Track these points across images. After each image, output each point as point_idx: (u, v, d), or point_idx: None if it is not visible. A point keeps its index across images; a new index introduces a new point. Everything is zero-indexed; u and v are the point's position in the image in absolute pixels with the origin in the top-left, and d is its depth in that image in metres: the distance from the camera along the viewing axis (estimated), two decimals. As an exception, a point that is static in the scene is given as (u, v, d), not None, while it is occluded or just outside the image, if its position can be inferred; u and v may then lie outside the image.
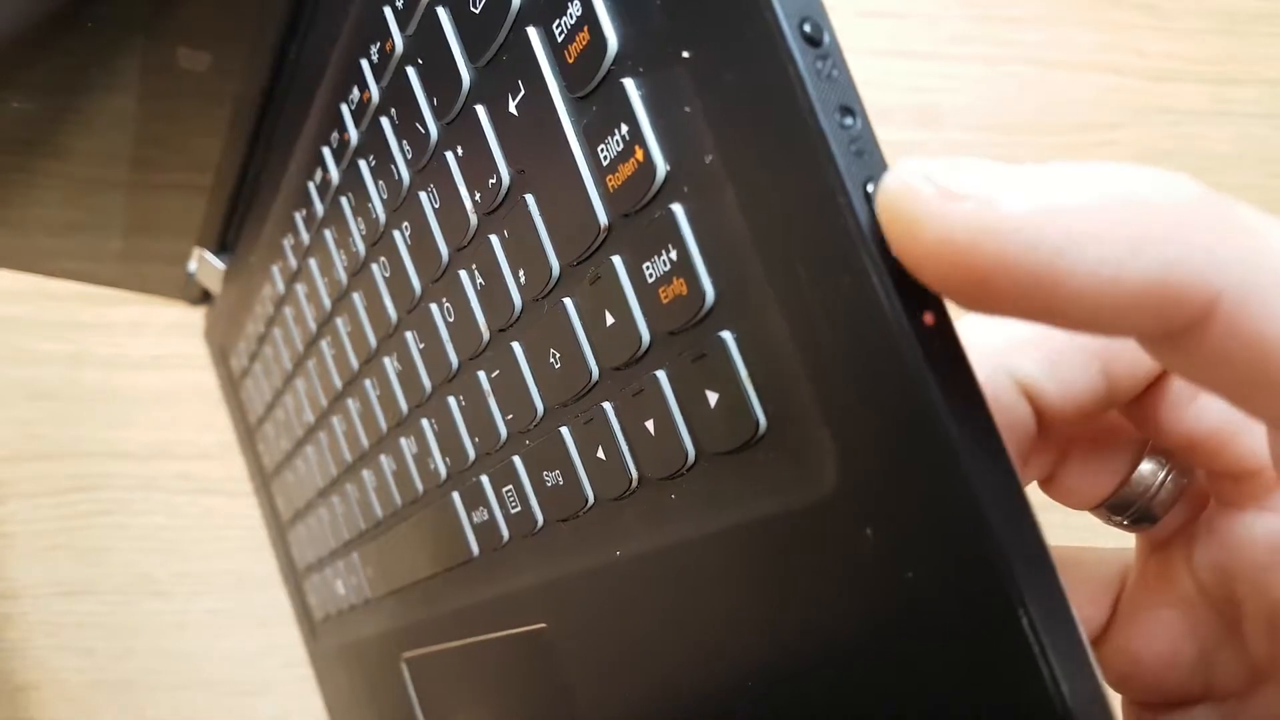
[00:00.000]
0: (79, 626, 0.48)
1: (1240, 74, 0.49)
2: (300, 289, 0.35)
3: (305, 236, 0.33)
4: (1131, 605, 0.22)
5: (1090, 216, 0.13)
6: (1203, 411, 0.20)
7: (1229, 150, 0.50)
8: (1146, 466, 0.21)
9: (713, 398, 0.18)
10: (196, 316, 0.50)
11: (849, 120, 0.14)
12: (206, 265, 0.44)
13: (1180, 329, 0.13)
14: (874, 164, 0.14)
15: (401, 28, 0.24)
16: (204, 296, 0.49)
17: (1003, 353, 0.19)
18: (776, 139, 0.14)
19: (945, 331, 0.14)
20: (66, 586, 0.48)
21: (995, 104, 0.48)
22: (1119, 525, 0.22)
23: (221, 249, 0.44)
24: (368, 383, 0.32)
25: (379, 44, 0.25)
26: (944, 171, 0.13)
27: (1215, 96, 0.49)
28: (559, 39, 0.18)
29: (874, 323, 0.14)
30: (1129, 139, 0.49)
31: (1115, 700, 0.22)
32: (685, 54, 0.16)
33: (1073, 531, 0.21)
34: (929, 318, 0.14)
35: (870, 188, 0.14)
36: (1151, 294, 0.13)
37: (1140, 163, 0.13)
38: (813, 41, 0.14)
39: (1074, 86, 0.48)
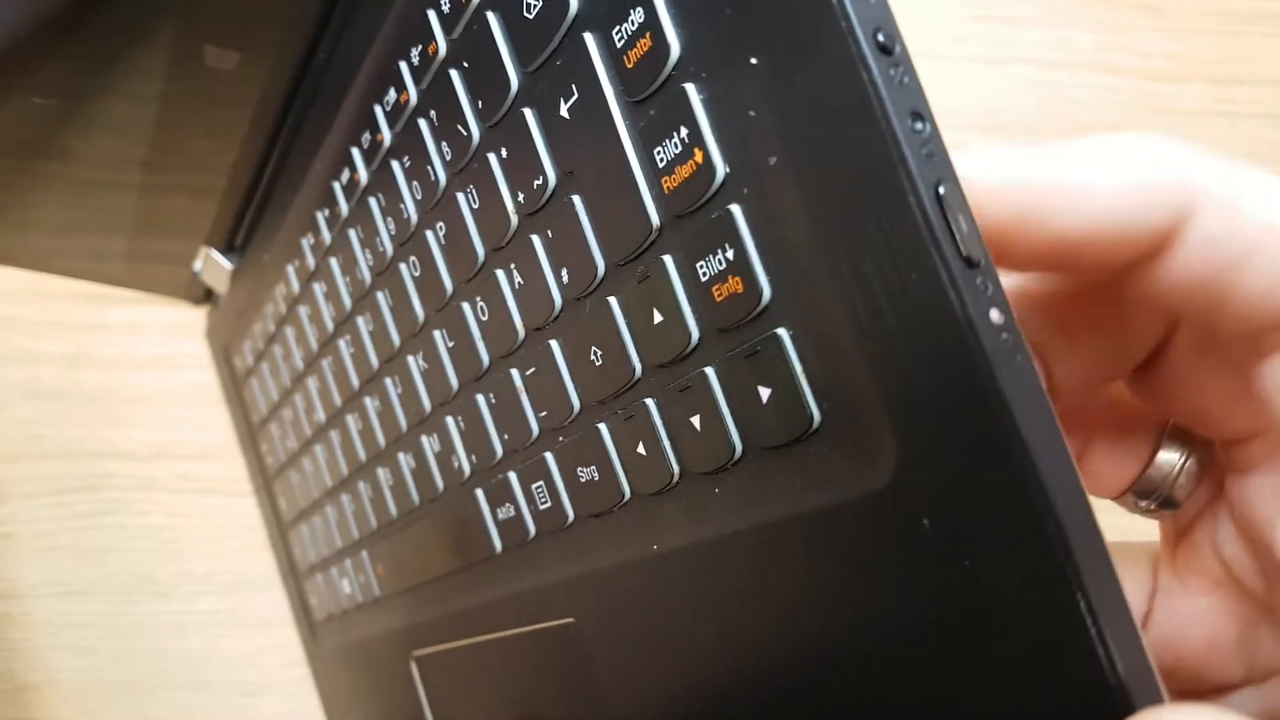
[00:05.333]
0: (79, 626, 0.48)
1: (1240, 74, 0.49)
2: (318, 288, 0.36)
3: (327, 236, 0.33)
4: (1166, 597, 0.22)
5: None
6: (1209, 376, 0.20)
7: (1229, 150, 0.48)
8: (1167, 451, 0.22)
9: (765, 393, 0.18)
10: (198, 316, 0.50)
11: (919, 125, 0.15)
12: (213, 265, 0.44)
13: (1171, 223, 0.17)
14: (943, 166, 0.15)
15: (446, 31, 0.24)
16: (206, 296, 0.49)
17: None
18: (849, 142, 0.15)
19: (1009, 326, 0.14)
20: (66, 586, 0.48)
21: (995, 104, 0.48)
22: (1144, 512, 0.23)
23: (229, 249, 0.44)
24: (388, 381, 0.32)
25: (420, 47, 0.25)
26: None
27: (1215, 96, 0.49)
28: (618, 45, 0.19)
29: (942, 318, 0.14)
30: (1129, 139, 0.48)
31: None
32: (753, 60, 0.16)
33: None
34: (995, 314, 0.14)
35: (940, 189, 0.14)
36: (1140, 193, 0.17)
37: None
38: (885, 50, 0.15)
39: (1074, 86, 0.48)
